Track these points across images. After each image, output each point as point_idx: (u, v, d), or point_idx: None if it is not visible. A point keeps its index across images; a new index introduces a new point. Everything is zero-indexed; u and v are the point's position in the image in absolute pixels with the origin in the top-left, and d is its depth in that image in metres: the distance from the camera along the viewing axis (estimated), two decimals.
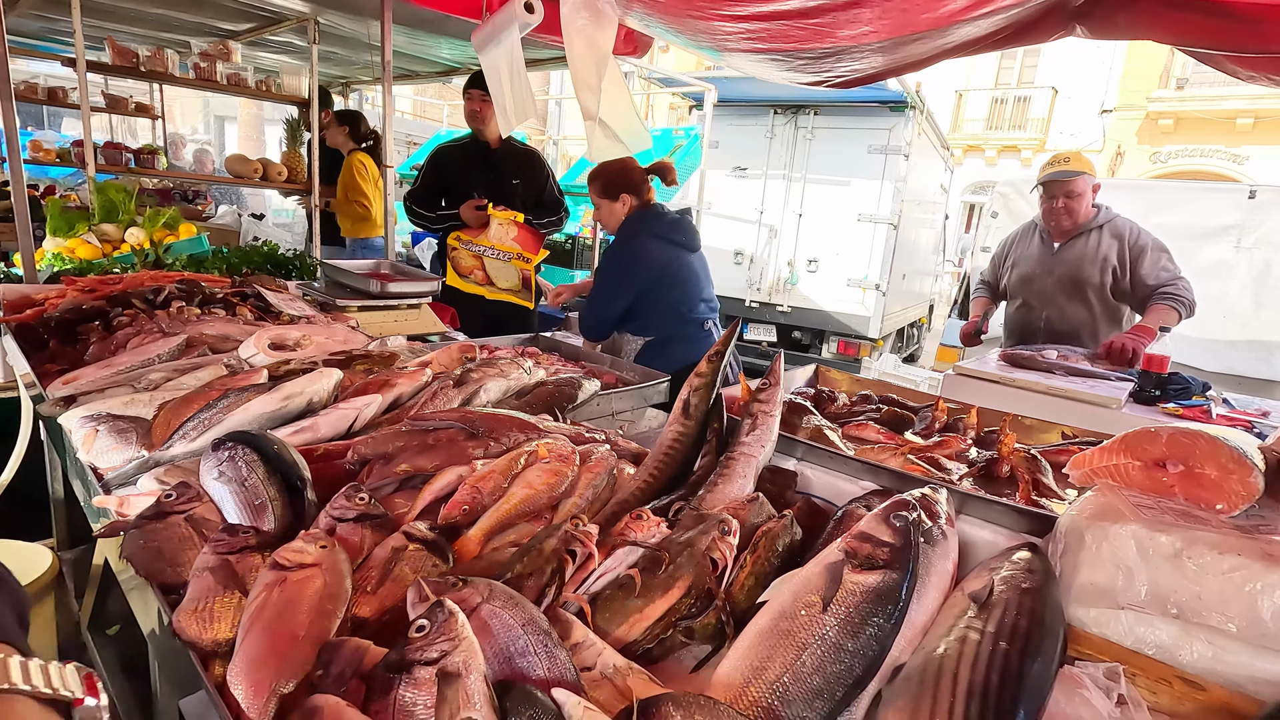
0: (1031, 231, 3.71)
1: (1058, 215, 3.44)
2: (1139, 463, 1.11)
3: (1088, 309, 3.44)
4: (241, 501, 1.13)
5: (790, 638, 0.85)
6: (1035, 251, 3.59)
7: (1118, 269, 3.36)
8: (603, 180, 3.04)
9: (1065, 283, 3.45)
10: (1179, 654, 0.95)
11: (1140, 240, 3.34)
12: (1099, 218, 3.44)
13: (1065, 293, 3.45)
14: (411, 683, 0.70)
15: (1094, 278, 3.39)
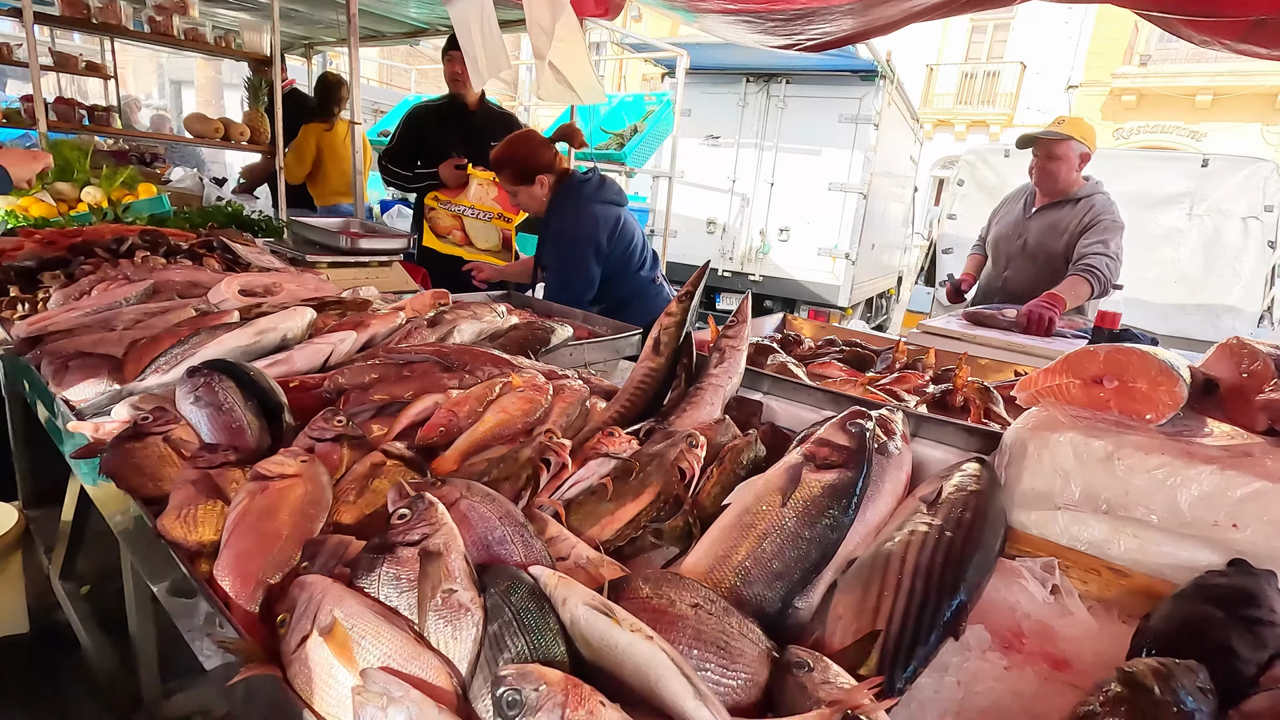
0: (1020, 195, 3.75)
1: (1038, 174, 3.44)
2: (1079, 381, 1.19)
3: (1044, 275, 3.52)
4: (218, 424, 1.15)
5: (752, 529, 0.90)
6: (1014, 215, 3.65)
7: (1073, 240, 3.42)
8: (513, 168, 2.90)
9: (1029, 247, 3.52)
10: (1108, 548, 1.04)
11: (1099, 216, 3.35)
12: (1082, 190, 3.43)
13: (1027, 257, 3.53)
14: (395, 560, 0.74)
15: (1054, 246, 3.44)
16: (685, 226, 8.32)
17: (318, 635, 0.67)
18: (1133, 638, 0.86)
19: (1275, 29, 2.85)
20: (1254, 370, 1.16)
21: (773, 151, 7.99)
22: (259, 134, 4.76)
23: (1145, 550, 1.01)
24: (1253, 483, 0.93)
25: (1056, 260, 3.41)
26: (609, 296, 2.95)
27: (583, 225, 2.92)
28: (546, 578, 0.73)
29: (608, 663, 0.63)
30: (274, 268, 2.39)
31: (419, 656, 0.65)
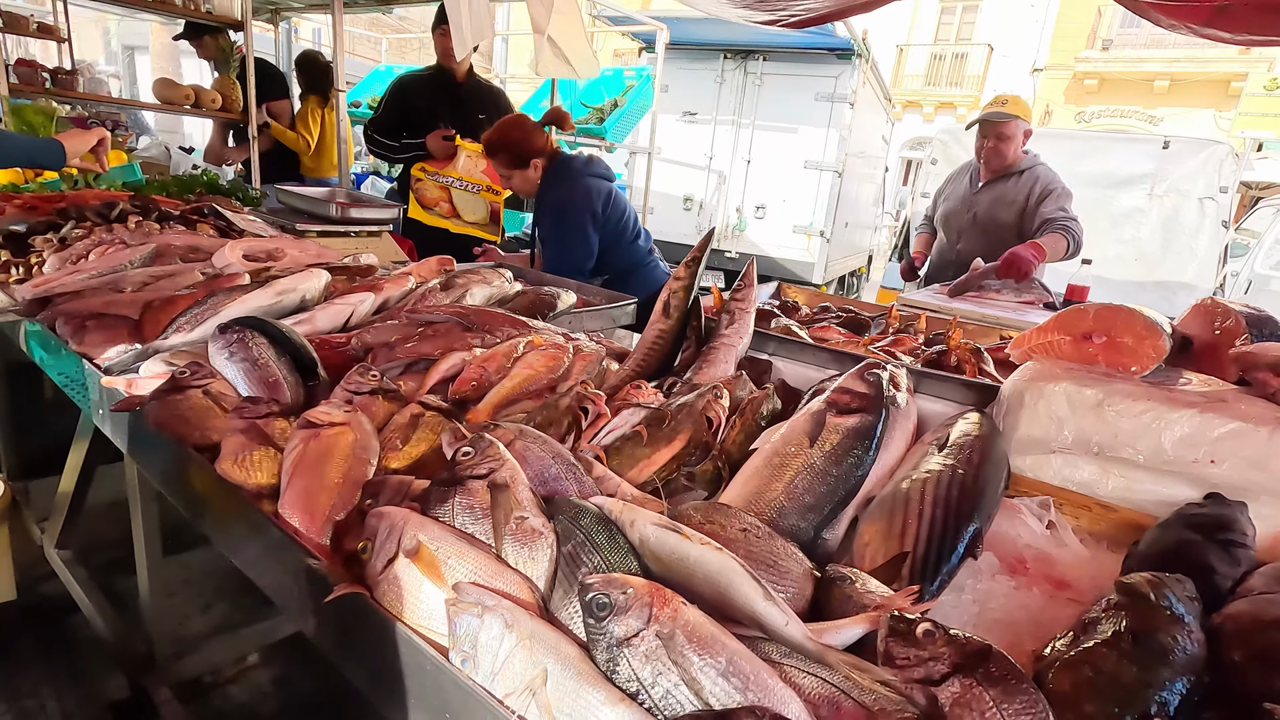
0: (965, 171, 3.92)
1: (987, 154, 3.64)
2: (1069, 337, 1.28)
3: (995, 244, 3.69)
4: (255, 379, 1.17)
5: (784, 468, 0.98)
6: (962, 190, 3.82)
7: (1024, 209, 3.59)
8: (508, 152, 2.94)
9: (980, 220, 3.69)
10: (1097, 487, 1.13)
11: (1051, 185, 3.57)
12: (1023, 163, 3.64)
13: (979, 229, 3.70)
14: (465, 492, 0.79)
15: (1005, 218, 3.63)
16: (662, 203, 8.34)
17: (404, 557, 0.72)
18: (1124, 561, 0.96)
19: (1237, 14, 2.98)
20: (1226, 327, 1.26)
21: (750, 129, 8.03)
22: (230, 102, 4.64)
23: (1131, 488, 1.11)
24: (1229, 423, 1.04)
25: (1005, 230, 3.59)
26: (607, 269, 3.01)
27: (578, 195, 2.96)
28: (611, 504, 0.78)
29: (678, 575, 0.70)
30: (267, 234, 2.37)
31: (502, 574, 0.71)
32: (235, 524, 0.95)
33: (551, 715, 0.59)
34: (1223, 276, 6.06)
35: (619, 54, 17.20)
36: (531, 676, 0.61)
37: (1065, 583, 0.96)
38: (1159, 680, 0.69)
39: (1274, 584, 0.87)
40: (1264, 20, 2.92)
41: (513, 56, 10.58)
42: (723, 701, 0.57)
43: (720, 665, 0.58)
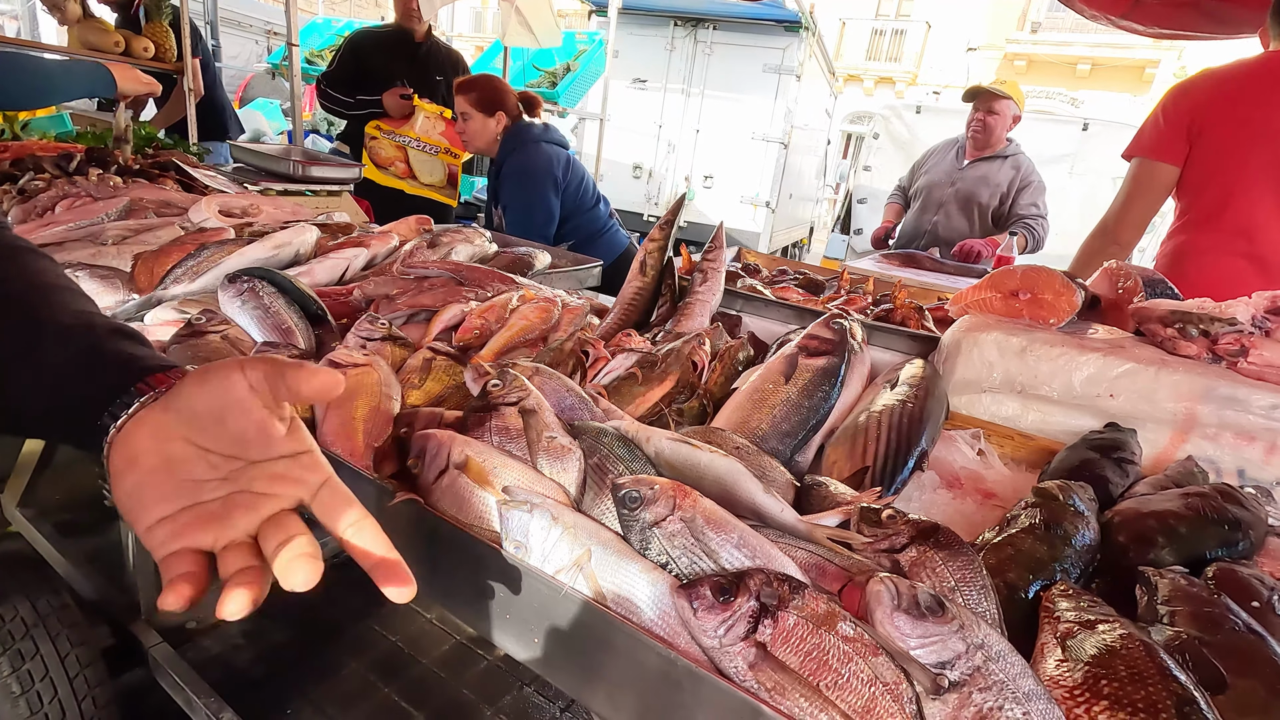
0: (950, 148, 4.14)
1: (975, 127, 3.84)
2: (1000, 294, 1.48)
3: (970, 224, 3.96)
4: (269, 325, 1.24)
5: (763, 402, 1.13)
6: (946, 164, 4.04)
7: (1004, 195, 3.86)
8: (479, 92, 2.96)
9: (960, 196, 3.93)
10: (1019, 420, 1.34)
11: (1030, 178, 3.84)
12: (1008, 149, 3.89)
13: (957, 205, 3.94)
14: (500, 417, 0.91)
15: (984, 198, 3.88)
16: (612, 171, 8.36)
17: (454, 469, 0.84)
18: (1039, 475, 1.15)
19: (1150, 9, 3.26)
20: (1127, 287, 1.48)
21: (699, 98, 8.12)
22: (164, 50, 4.41)
23: (1046, 420, 1.31)
24: (1125, 364, 1.24)
25: (983, 210, 3.85)
26: (569, 236, 3.08)
27: (540, 161, 3.02)
28: (627, 425, 0.92)
29: (690, 478, 0.84)
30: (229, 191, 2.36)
31: (540, 481, 0.84)
32: None
33: (597, 584, 0.72)
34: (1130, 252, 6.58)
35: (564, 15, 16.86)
36: (578, 556, 0.74)
37: (992, 494, 1.15)
38: (1063, 555, 0.88)
39: (1153, 489, 1.08)
40: (1173, 15, 3.21)
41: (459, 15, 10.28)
42: (736, 567, 0.72)
43: (733, 539, 0.73)
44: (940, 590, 0.72)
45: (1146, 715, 0.60)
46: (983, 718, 0.59)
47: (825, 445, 1.16)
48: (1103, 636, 0.69)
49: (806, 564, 0.75)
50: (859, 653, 0.62)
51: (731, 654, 0.64)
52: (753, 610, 0.65)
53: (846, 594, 0.72)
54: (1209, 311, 1.28)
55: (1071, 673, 0.66)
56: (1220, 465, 1.17)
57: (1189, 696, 0.61)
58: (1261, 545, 0.96)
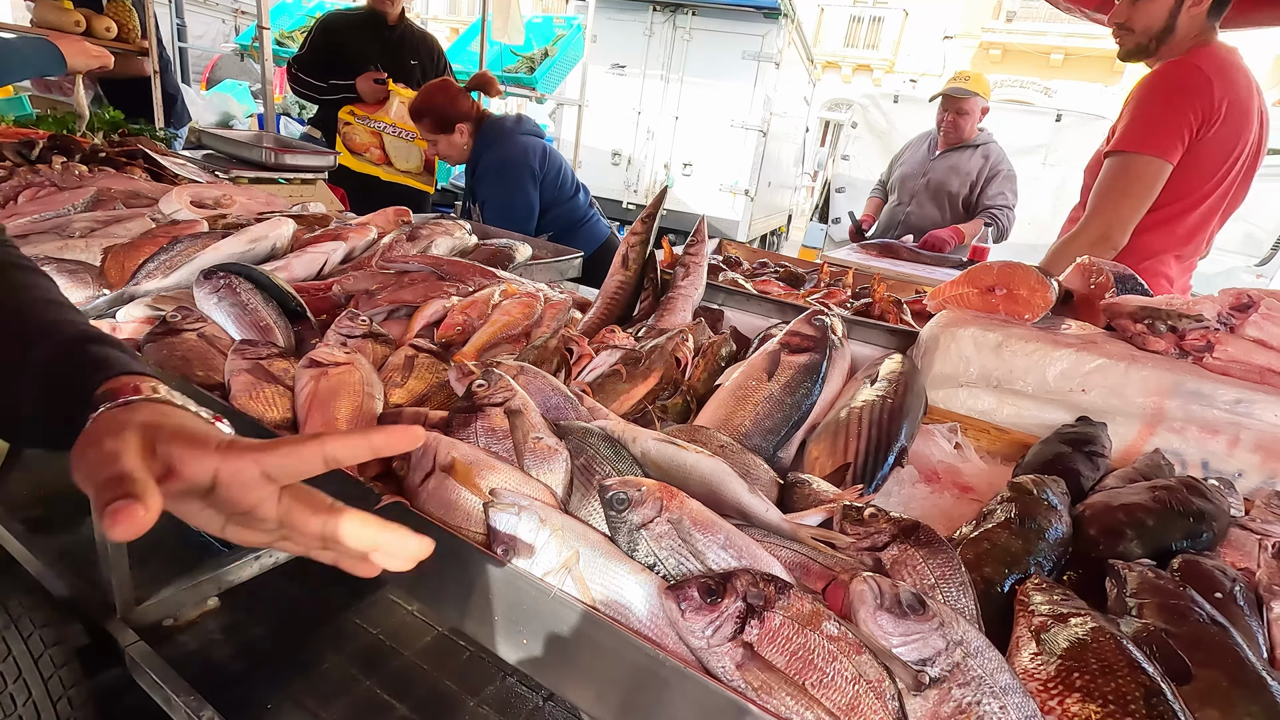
0: (924, 139, 4.20)
1: (946, 126, 3.93)
2: (976, 290, 1.50)
3: (940, 213, 4.02)
4: (246, 323, 1.22)
5: (746, 398, 1.14)
6: (920, 156, 4.09)
7: (974, 184, 3.93)
8: (432, 116, 2.94)
9: (932, 187, 3.98)
10: (994, 414, 1.37)
11: (999, 166, 3.90)
12: (979, 139, 3.96)
13: (929, 195, 4.00)
14: (485, 418, 0.91)
15: (954, 187, 3.95)
16: (590, 158, 8.30)
17: (441, 471, 0.83)
18: (1014, 470, 1.18)
19: None
20: (1099, 282, 1.52)
21: (678, 84, 8.08)
22: (128, 31, 4.27)
23: (1020, 414, 1.34)
24: (1096, 360, 1.28)
25: (954, 200, 3.92)
26: (549, 227, 3.06)
27: (514, 154, 2.99)
28: (613, 425, 0.92)
29: (677, 478, 0.85)
30: (204, 180, 2.30)
31: (528, 483, 0.84)
32: None
33: (585, 586, 0.73)
34: None
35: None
36: (566, 558, 0.75)
37: (969, 488, 1.18)
38: (1037, 549, 0.90)
39: (1123, 482, 1.11)
40: None
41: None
42: (723, 567, 0.73)
43: (720, 540, 0.74)
44: (921, 588, 0.74)
45: (1116, 707, 0.62)
46: (962, 712, 0.61)
47: (807, 441, 1.18)
48: (1075, 630, 0.72)
49: (791, 563, 0.77)
50: (843, 651, 0.64)
51: (719, 654, 0.65)
52: (739, 611, 0.66)
53: (830, 593, 0.74)
54: (1177, 308, 1.31)
55: (1045, 666, 0.69)
56: (1185, 457, 1.21)
57: (1156, 688, 0.64)
58: (1224, 536, 1.00)
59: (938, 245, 3.55)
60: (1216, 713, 0.64)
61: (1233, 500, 1.08)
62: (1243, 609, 0.81)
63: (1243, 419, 1.17)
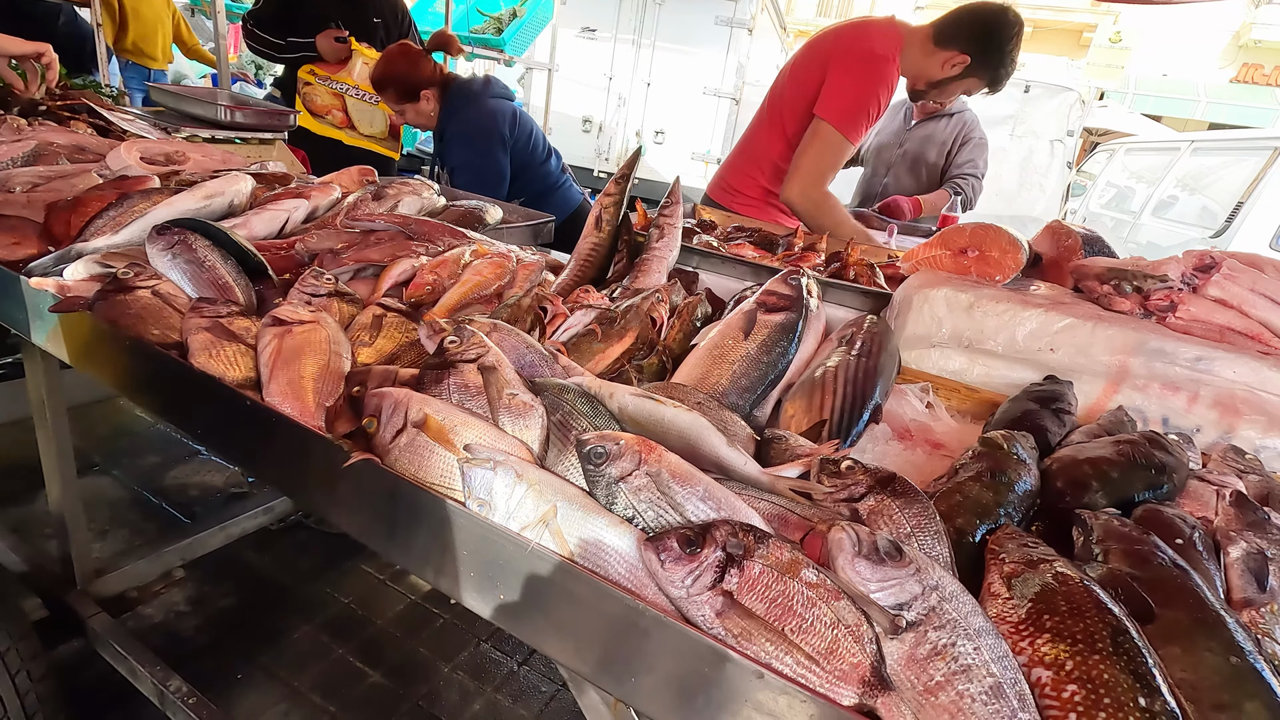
0: (899, 109, 4.16)
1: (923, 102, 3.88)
2: (950, 252, 1.51)
3: (919, 185, 4.02)
4: (204, 280, 1.17)
5: (723, 357, 1.13)
6: (895, 126, 4.06)
7: (949, 153, 3.92)
8: (395, 86, 2.88)
9: (908, 156, 3.98)
10: (965, 374, 1.38)
11: (971, 133, 3.89)
12: (954, 106, 3.93)
13: (905, 165, 3.99)
14: (458, 374, 0.88)
15: (930, 157, 3.94)
16: (561, 124, 8.14)
17: (412, 427, 0.81)
18: (984, 426, 1.20)
19: None
20: (1067, 245, 1.54)
21: (649, 49, 7.93)
22: None
23: (990, 374, 1.36)
24: (1064, 319, 1.30)
25: (931, 169, 3.94)
26: (521, 193, 3.00)
27: (483, 119, 2.91)
28: (589, 381, 0.91)
29: (655, 433, 0.84)
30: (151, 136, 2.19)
31: (502, 438, 0.82)
32: (221, 416, 0.99)
33: (563, 539, 0.72)
34: (1064, 213, 6.85)
35: None
36: (544, 512, 0.73)
37: (940, 444, 1.19)
38: (1007, 501, 0.92)
39: (1088, 438, 1.14)
40: None
41: None
42: (702, 519, 0.72)
43: (699, 492, 0.74)
44: (897, 536, 0.75)
45: (1084, 645, 0.64)
46: (937, 654, 0.62)
47: (783, 400, 1.18)
48: (1044, 575, 0.73)
49: (769, 515, 0.77)
50: (822, 598, 0.64)
51: (699, 603, 0.65)
52: (719, 560, 0.66)
53: (808, 542, 0.74)
54: (1143, 269, 1.34)
55: (1017, 609, 0.70)
56: (1147, 414, 1.24)
57: (1122, 627, 0.66)
58: (1183, 487, 1.03)
59: (895, 212, 3.56)
60: (1178, 649, 0.66)
61: (1191, 454, 1.12)
62: (1201, 554, 0.84)
63: (1202, 376, 1.20)
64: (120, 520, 2.70)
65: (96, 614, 1.72)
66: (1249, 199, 5.06)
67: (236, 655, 2.24)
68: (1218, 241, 5.92)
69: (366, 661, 2.33)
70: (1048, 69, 17.58)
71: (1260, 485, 1.06)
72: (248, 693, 2.14)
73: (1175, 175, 6.20)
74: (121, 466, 3.04)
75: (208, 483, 2.98)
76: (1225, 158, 5.83)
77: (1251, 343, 1.23)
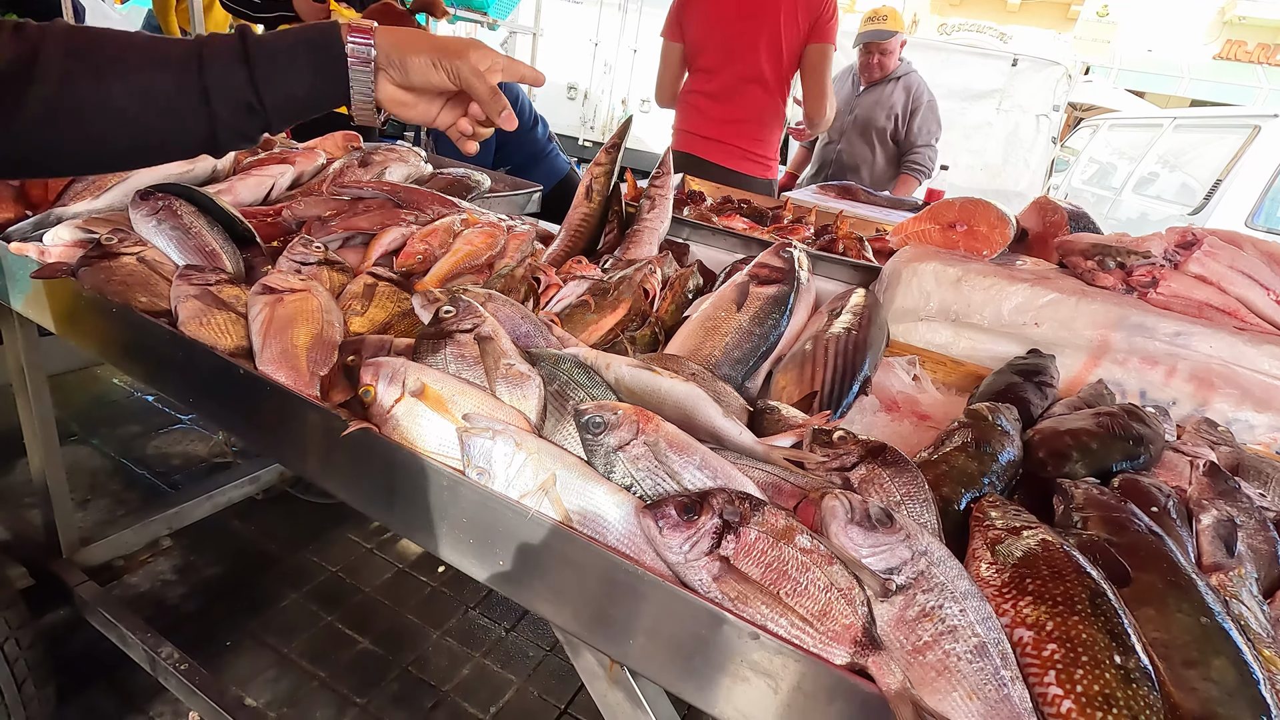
0: (846, 75, 4.19)
1: (871, 69, 3.94)
2: (938, 226, 1.53)
3: (871, 149, 4.06)
4: (190, 247, 1.15)
5: (716, 329, 1.14)
6: (844, 94, 4.08)
7: (899, 118, 3.97)
8: None
9: (859, 123, 4.01)
10: (951, 348, 1.41)
11: (921, 98, 3.96)
12: (899, 70, 3.98)
13: (857, 131, 4.03)
14: (455, 344, 0.88)
15: (880, 122, 3.99)
16: (545, 92, 7.99)
17: (410, 397, 0.82)
18: (969, 398, 1.23)
19: None
20: (1054, 221, 1.56)
21: (636, 15, 7.79)
22: None
23: (976, 348, 1.39)
24: (1049, 294, 1.32)
25: (881, 133, 3.99)
26: (507, 160, 2.96)
27: None
28: (585, 352, 0.91)
29: (651, 403, 0.85)
30: None
31: (500, 408, 0.83)
32: (214, 384, 0.98)
33: (562, 507, 0.74)
34: (1047, 189, 6.89)
35: None
36: (543, 480, 0.74)
37: (926, 416, 1.22)
38: (991, 470, 0.95)
39: (1069, 410, 1.17)
40: None
41: None
42: (698, 487, 0.74)
43: (696, 461, 0.75)
44: (888, 504, 0.77)
45: (1064, 607, 0.67)
46: (925, 615, 0.64)
47: (774, 372, 1.20)
48: (1026, 541, 0.76)
49: (763, 483, 0.79)
50: (815, 562, 0.66)
51: (696, 568, 0.67)
52: (716, 527, 0.68)
53: (802, 510, 0.76)
54: (1126, 245, 1.36)
55: (1000, 573, 0.73)
56: (1126, 387, 1.27)
57: (1100, 590, 0.69)
58: (1159, 458, 1.07)
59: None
60: (1152, 610, 0.69)
61: (1167, 426, 1.15)
62: (1175, 521, 0.87)
63: (1180, 350, 1.23)
64: (101, 490, 2.68)
65: (84, 582, 1.72)
66: (1227, 176, 5.12)
67: (225, 623, 2.25)
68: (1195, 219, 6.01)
69: (355, 629, 2.35)
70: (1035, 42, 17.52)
71: (1231, 456, 1.10)
72: (237, 659, 2.15)
73: (1157, 152, 6.25)
74: (100, 436, 3.01)
75: (190, 452, 2.96)
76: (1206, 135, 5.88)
77: (1228, 319, 1.26)
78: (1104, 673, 0.61)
